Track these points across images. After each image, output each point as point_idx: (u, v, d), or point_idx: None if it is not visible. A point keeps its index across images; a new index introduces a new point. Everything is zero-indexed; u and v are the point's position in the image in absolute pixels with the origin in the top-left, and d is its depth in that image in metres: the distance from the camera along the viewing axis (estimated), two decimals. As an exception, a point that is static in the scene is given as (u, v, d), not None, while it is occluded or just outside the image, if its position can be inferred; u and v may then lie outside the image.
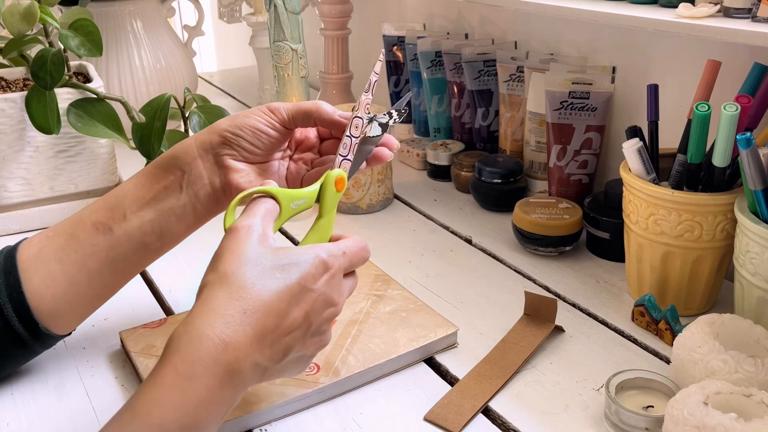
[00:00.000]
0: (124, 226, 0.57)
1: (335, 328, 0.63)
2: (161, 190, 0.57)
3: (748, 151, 0.56)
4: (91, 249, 0.56)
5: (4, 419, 0.56)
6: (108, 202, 0.58)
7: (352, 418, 0.56)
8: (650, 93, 0.68)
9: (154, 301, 0.72)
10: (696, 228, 0.63)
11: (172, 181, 0.58)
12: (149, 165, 0.59)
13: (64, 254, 0.56)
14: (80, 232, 0.57)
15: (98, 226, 0.57)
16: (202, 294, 0.46)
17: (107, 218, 0.57)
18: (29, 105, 0.79)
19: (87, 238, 0.56)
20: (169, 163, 0.58)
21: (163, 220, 0.57)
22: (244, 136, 0.58)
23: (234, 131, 0.58)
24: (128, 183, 0.58)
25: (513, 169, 0.89)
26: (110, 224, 0.57)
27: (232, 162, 0.58)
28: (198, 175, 0.58)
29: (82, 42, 0.81)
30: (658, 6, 0.67)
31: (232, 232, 0.48)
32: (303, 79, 0.88)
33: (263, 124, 0.58)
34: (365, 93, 0.56)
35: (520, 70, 0.92)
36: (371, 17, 1.28)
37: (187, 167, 0.58)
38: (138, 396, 0.43)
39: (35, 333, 0.56)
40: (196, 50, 1.31)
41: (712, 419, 0.45)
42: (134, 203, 0.57)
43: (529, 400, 0.58)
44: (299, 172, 0.61)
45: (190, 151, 0.58)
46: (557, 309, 0.64)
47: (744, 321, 0.57)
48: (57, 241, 0.57)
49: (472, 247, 0.83)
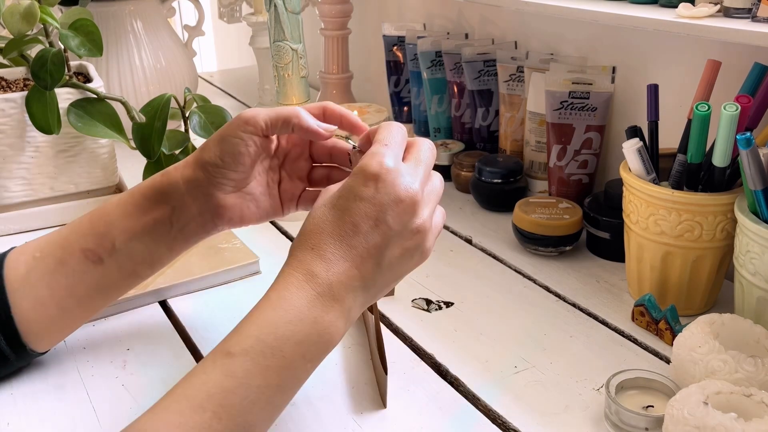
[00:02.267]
0: (114, 257, 0.56)
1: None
2: (150, 222, 0.56)
3: (748, 151, 0.56)
4: (81, 276, 0.56)
5: (4, 419, 0.56)
6: (95, 228, 0.56)
7: (352, 418, 0.56)
8: (650, 93, 0.68)
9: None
10: (696, 228, 0.63)
11: (161, 215, 0.56)
12: (136, 193, 0.57)
13: (53, 279, 0.56)
14: (69, 257, 0.56)
15: (88, 254, 0.56)
16: (288, 257, 0.49)
17: (96, 246, 0.56)
18: (29, 105, 0.79)
19: (76, 265, 0.56)
20: (156, 197, 0.56)
21: (154, 251, 0.57)
22: (226, 167, 0.55)
23: (216, 162, 0.55)
24: (115, 209, 0.56)
25: (513, 169, 0.89)
26: (100, 253, 0.56)
27: (221, 198, 0.56)
28: (188, 213, 0.56)
29: (82, 42, 0.81)
30: (658, 6, 0.67)
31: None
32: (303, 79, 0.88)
33: (242, 146, 0.55)
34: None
35: (520, 70, 0.92)
36: (371, 17, 1.28)
37: (176, 203, 0.56)
38: (242, 321, 0.47)
39: (21, 354, 0.57)
40: (196, 50, 1.31)
41: (712, 419, 0.45)
42: (123, 234, 0.56)
43: (529, 400, 0.58)
44: (294, 192, 0.60)
45: (177, 188, 0.55)
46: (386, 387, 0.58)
47: (744, 321, 0.57)
48: (45, 264, 0.56)
49: (472, 247, 0.83)
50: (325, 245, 0.48)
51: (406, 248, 0.49)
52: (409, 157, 0.51)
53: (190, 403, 0.43)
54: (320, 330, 0.47)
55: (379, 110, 0.91)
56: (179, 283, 0.72)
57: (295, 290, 0.47)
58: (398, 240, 0.48)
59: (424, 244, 0.50)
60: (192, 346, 0.65)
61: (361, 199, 0.47)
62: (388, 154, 0.49)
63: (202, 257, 0.75)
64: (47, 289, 0.56)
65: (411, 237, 0.49)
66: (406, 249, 0.49)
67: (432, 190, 0.51)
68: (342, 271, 0.47)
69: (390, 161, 0.48)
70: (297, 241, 0.49)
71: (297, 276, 0.47)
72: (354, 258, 0.47)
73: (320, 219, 0.48)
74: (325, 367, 0.61)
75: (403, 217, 0.48)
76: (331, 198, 0.49)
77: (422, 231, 0.49)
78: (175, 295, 0.72)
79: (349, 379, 0.60)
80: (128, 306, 0.70)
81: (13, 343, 0.56)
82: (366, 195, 0.47)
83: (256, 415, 0.45)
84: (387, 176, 0.48)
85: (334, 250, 0.47)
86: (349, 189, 0.48)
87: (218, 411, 0.43)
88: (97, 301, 0.58)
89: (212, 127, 0.83)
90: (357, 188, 0.48)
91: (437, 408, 0.57)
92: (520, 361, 0.62)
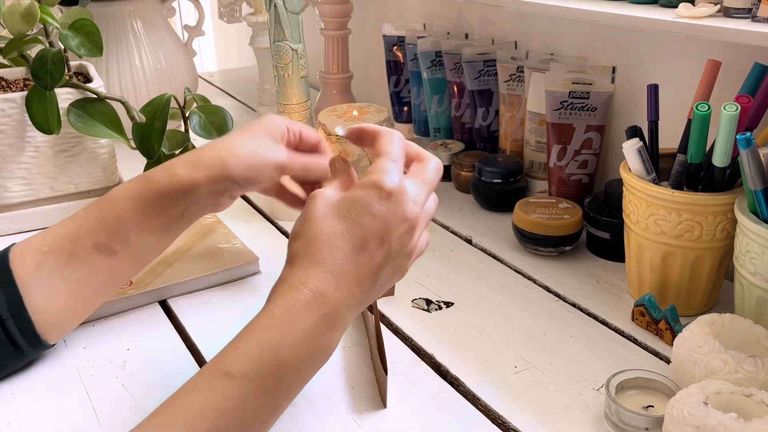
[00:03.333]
0: (127, 249, 0.57)
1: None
2: (164, 219, 0.57)
3: (748, 151, 0.56)
4: (94, 268, 0.56)
5: (4, 419, 0.56)
6: (107, 224, 0.56)
7: (352, 418, 0.56)
8: (650, 93, 0.68)
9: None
10: (696, 228, 0.63)
11: (176, 212, 0.57)
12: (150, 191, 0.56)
13: (66, 272, 0.56)
14: (80, 251, 0.56)
15: (100, 248, 0.56)
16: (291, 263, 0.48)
17: (109, 240, 0.56)
18: (29, 105, 0.79)
19: (88, 258, 0.56)
20: (177, 197, 0.56)
21: (165, 242, 0.59)
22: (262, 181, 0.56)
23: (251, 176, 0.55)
24: (127, 203, 0.56)
25: (513, 169, 0.89)
26: (113, 246, 0.56)
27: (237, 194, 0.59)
28: (201, 208, 0.58)
29: (82, 42, 0.81)
30: (658, 6, 0.67)
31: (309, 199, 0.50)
32: (303, 79, 0.88)
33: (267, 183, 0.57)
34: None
35: (520, 70, 0.92)
36: (371, 17, 1.28)
37: (192, 203, 0.57)
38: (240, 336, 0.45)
39: (35, 345, 0.57)
40: (196, 50, 1.31)
41: (712, 419, 0.45)
42: (137, 227, 0.56)
43: (529, 400, 0.58)
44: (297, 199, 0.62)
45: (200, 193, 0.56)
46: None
47: (744, 321, 0.57)
48: (56, 257, 0.56)
49: (472, 247, 0.83)
50: (335, 261, 0.47)
51: (397, 268, 0.50)
52: (415, 174, 0.51)
53: (183, 423, 0.42)
54: (319, 351, 0.47)
55: (379, 110, 0.90)
56: (179, 283, 0.72)
57: (303, 311, 0.46)
58: (394, 260, 0.49)
59: (407, 264, 0.51)
60: (192, 346, 0.65)
61: (374, 215, 0.47)
62: (398, 171, 0.49)
63: (202, 257, 0.75)
64: (59, 281, 0.56)
65: (404, 257, 0.50)
66: (397, 269, 0.50)
67: (428, 212, 0.51)
68: (348, 290, 0.47)
69: (399, 178, 0.48)
70: (302, 248, 0.48)
71: (305, 294, 0.46)
72: (359, 276, 0.47)
73: (330, 230, 0.47)
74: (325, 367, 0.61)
75: (403, 238, 0.49)
76: (338, 208, 0.48)
77: (412, 252, 0.50)
78: (175, 295, 0.72)
79: (349, 379, 0.60)
80: (128, 306, 0.69)
81: (28, 335, 0.56)
82: (379, 212, 0.47)
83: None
84: (399, 195, 0.48)
85: (343, 267, 0.47)
86: (362, 203, 0.47)
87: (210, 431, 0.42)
88: (109, 288, 0.59)
89: (212, 127, 0.83)
90: (371, 203, 0.47)
91: (437, 408, 0.57)
92: (520, 361, 0.62)
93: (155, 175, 0.57)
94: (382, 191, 0.47)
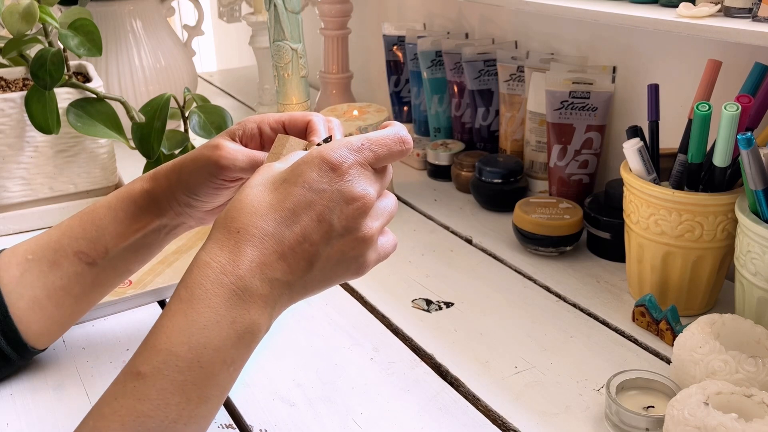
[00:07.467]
0: (107, 259, 0.57)
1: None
2: (140, 229, 0.57)
3: (749, 150, 0.56)
4: (76, 277, 0.57)
5: (4, 419, 0.56)
6: (87, 232, 0.56)
7: (352, 418, 0.56)
8: (651, 93, 0.68)
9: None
10: (697, 228, 0.63)
11: (153, 226, 0.57)
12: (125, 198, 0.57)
13: (48, 280, 0.56)
14: (62, 259, 0.56)
15: (81, 257, 0.56)
16: (208, 236, 0.44)
17: (89, 250, 0.56)
18: (29, 105, 0.79)
19: (70, 266, 0.56)
20: (149, 207, 0.56)
21: (146, 254, 0.59)
22: (207, 182, 0.54)
23: (192, 181, 0.54)
24: (106, 212, 0.57)
25: (513, 169, 0.89)
26: (93, 257, 0.56)
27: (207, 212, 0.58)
28: (179, 224, 0.58)
29: (81, 42, 0.81)
30: (658, 6, 0.67)
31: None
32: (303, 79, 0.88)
33: (215, 191, 0.55)
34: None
35: (521, 70, 0.92)
36: (371, 17, 1.28)
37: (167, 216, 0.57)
38: (150, 330, 0.42)
39: (22, 352, 0.57)
40: (196, 50, 1.31)
41: (712, 419, 0.45)
42: (114, 239, 0.56)
43: (529, 400, 0.58)
44: None
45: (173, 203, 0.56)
46: None
47: (745, 321, 0.56)
48: (39, 266, 0.56)
49: (473, 247, 0.83)
50: (254, 230, 0.42)
51: (344, 253, 0.44)
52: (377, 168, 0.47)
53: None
54: (240, 331, 0.42)
55: (379, 110, 0.90)
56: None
57: (210, 286, 0.41)
58: (338, 242, 0.43)
59: (364, 256, 0.45)
60: (192, 347, 0.65)
61: (311, 188, 0.42)
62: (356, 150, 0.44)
63: (201, 257, 0.75)
64: (43, 290, 0.56)
65: (353, 243, 0.44)
66: (344, 254, 0.44)
67: (386, 206, 0.46)
68: (269, 263, 0.42)
69: (348, 155, 0.43)
70: (222, 217, 0.43)
71: (213, 267, 0.41)
72: (284, 251, 0.42)
73: (256, 199, 0.43)
74: (325, 367, 0.61)
75: (351, 219, 0.43)
76: (273, 178, 0.44)
77: (366, 241, 0.44)
78: (175, 295, 0.72)
79: (349, 379, 0.60)
80: (128, 306, 0.69)
81: (14, 342, 0.56)
82: (317, 185, 0.42)
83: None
84: (347, 171, 0.43)
85: (263, 237, 0.42)
86: (298, 173, 0.43)
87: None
88: (93, 296, 0.59)
89: (212, 127, 0.83)
90: (309, 174, 0.43)
91: (437, 408, 0.57)
92: (520, 361, 0.62)
93: (135, 183, 0.57)
94: (324, 164, 0.43)
